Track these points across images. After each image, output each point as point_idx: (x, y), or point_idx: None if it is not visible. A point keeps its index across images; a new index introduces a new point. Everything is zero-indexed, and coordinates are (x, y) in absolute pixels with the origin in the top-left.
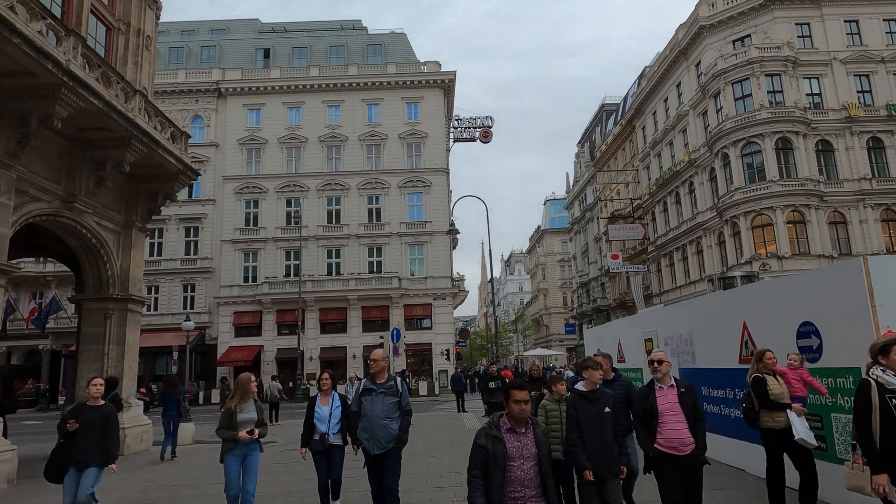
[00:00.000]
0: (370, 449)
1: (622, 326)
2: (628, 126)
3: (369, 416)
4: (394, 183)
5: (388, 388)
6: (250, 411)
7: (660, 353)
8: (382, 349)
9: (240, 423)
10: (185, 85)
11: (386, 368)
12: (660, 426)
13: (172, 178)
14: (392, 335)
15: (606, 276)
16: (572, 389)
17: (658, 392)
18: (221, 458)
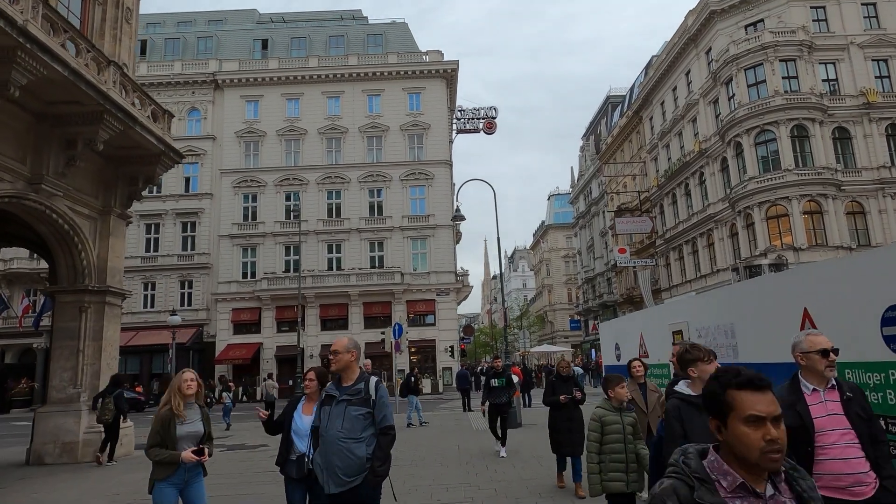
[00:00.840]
0: (324, 485)
1: (645, 318)
2: (635, 117)
3: (325, 435)
4: (395, 175)
5: (355, 394)
6: (194, 422)
7: (821, 339)
8: (348, 339)
9: (179, 438)
10: (181, 76)
11: (354, 364)
12: (817, 453)
13: (154, 160)
14: (394, 331)
15: (613, 270)
16: (672, 393)
17: (810, 397)
18: (150, 488)
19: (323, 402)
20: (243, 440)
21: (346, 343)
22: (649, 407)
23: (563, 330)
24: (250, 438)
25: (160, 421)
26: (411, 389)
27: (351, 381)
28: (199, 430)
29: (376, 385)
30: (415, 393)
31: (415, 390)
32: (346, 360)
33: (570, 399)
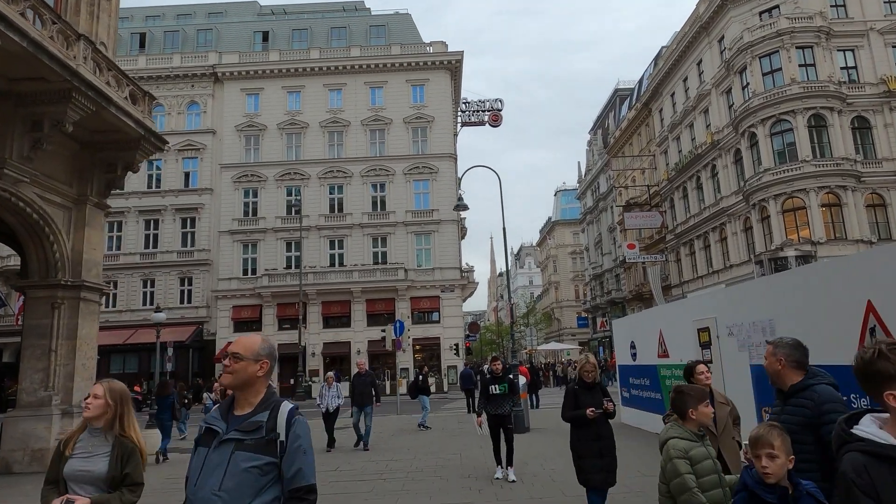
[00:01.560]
0: None
1: (665, 314)
2: (644, 110)
3: (191, 499)
4: (399, 169)
5: (251, 431)
6: (90, 457)
7: None
8: (261, 339)
9: (66, 477)
10: (180, 69)
11: (260, 381)
12: None
13: (133, 145)
14: (395, 328)
15: (621, 267)
16: (848, 439)
17: None
18: None
19: (199, 438)
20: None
21: (253, 344)
22: (719, 427)
23: (570, 327)
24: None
25: (56, 449)
26: (420, 389)
27: (249, 406)
28: (98, 470)
29: (290, 417)
30: (425, 392)
31: (424, 389)
32: (249, 373)
33: (600, 413)
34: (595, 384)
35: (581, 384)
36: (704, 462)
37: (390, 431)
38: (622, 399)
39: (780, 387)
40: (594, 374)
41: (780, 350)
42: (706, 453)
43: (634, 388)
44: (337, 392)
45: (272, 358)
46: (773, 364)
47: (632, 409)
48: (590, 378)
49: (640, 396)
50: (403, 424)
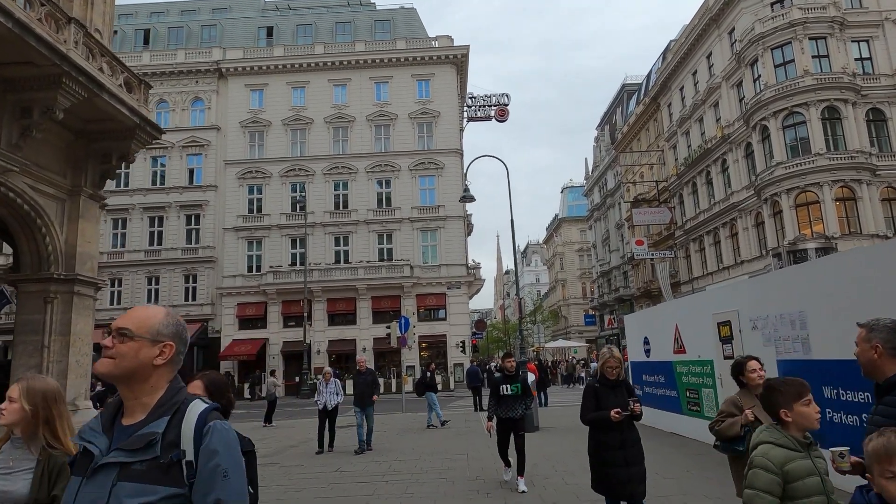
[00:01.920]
0: None
1: (681, 308)
2: (652, 104)
3: None
4: (404, 165)
5: (140, 446)
6: (10, 474)
7: None
8: (164, 313)
9: None
10: (184, 65)
11: (158, 373)
12: None
13: (128, 134)
14: (400, 325)
15: (629, 264)
16: None
17: None
18: None
19: (73, 464)
20: None
21: (151, 319)
22: None
23: (577, 325)
24: None
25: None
26: (428, 386)
27: (142, 411)
28: (17, 491)
29: (201, 424)
30: (432, 389)
31: (432, 386)
32: (142, 359)
33: (626, 416)
34: (619, 382)
35: (603, 381)
36: (808, 479)
37: (395, 430)
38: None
39: (874, 379)
40: (618, 370)
41: (877, 335)
42: (811, 467)
43: (648, 385)
44: (335, 388)
45: (179, 340)
46: (867, 352)
47: (645, 408)
48: (613, 374)
49: (654, 394)
50: (409, 423)
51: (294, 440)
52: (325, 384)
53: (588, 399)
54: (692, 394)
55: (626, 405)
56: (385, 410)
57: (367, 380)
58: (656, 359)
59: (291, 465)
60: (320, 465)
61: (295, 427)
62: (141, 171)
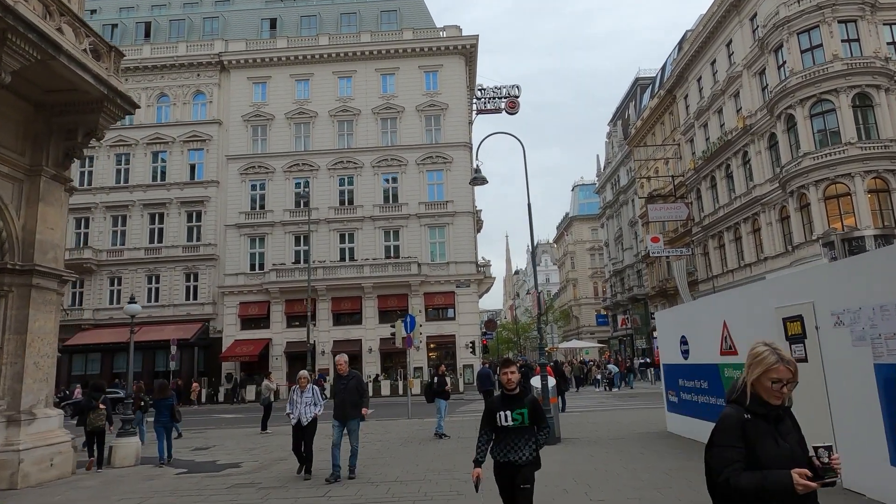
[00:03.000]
0: None
1: (733, 301)
2: (668, 97)
3: None
4: (411, 159)
5: None
6: None
7: None
8: None
9: None
10: (185, 58)
11: None
12: None
13: (95, 106)
14: (405, 324)
15: (644, 262)
16: None
17: None
18: None
19: None
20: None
21: None
22: None
23: (589, 325)
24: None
25: None
26: (436, 392)
27: None
28: None
29: None
30: (442, 396)
31: (441, 393)
32: None
33: (820, 484)
34: (786, 410)
35: (758, 409)
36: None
37: (399, 439)
38: (668, 405)
39: None
40: (790, 387)
41: None
42: None
43: (685, 391)
44: (313, 397)
45: None
46: None
47: (681, 417)
48: (780, 397)
49: (694, 402)
50: (414, 431)
51: (286, 451)
52: (299, 393)
53: (732, 441)
54: None
55: (806, 458)
56: (390, 415)
57: (349, 386)
58: (697, 361)
59: (272, 485)
60: (306, 489)
61: (286, 435)
62: (141, 166)
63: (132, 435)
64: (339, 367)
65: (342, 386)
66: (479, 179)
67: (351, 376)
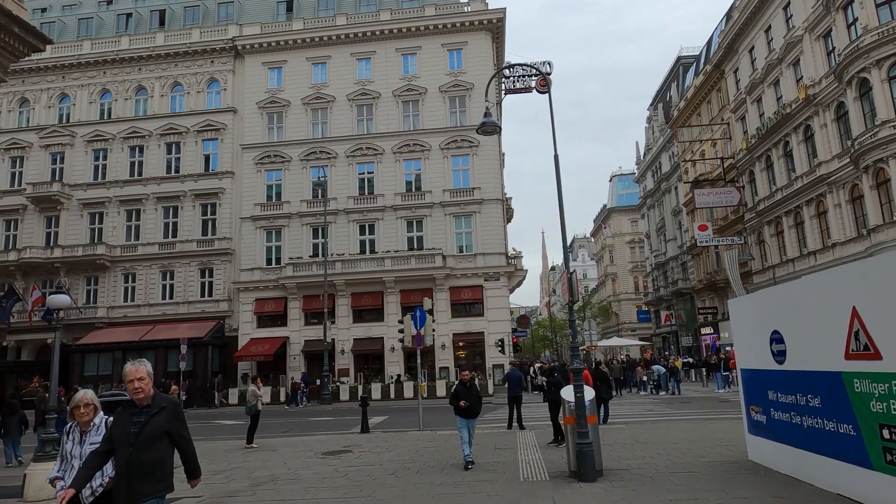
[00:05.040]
0: None
1: (868, 276)
2: (715, 72)
3: None
4: (435, 144)
5: None
6: None
7: None
8: None
9: None
10: (199, 45)
11: None
12: None
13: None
14: (414, 319)
15: (689, 253)
16: None
17: None
18: None
19: None
20: None
21: None
22: None
23: (629, 322)
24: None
25: None
26: (462, 407)
27: None
28: None
29: None
30: (466, 413)
31: (469, 409)
32: None
33: None
34: None
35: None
36: None
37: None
38: (751, 424)
39: None
40: None
41: None
42: None
43: (780, 408)
44: (99, 436)
45: None
46: None
47: (773, 444)
48: None
49: (797, 426)
50: (421, 451)
51: (257, 476)
52: (78, 436)
53: None
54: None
55: None
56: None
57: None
58: (802, 367)
59: None
60: None
61: (278, 451)
62: (155, 158)
63: (54, 459)
64: (138, 389)
65: (124, 419)
66: (490, 126)
67: (162, 404)
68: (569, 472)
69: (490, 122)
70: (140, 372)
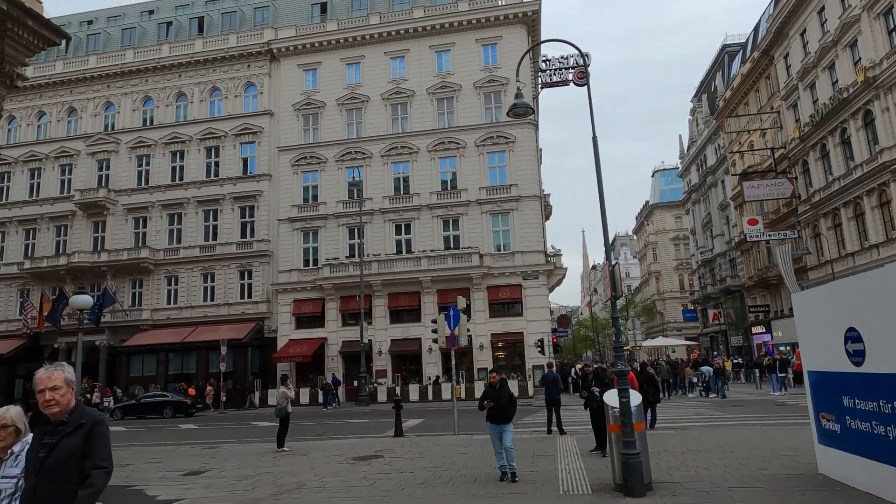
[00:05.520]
0: None
1: None
2: (763, 59)
3: None
4: (470, 141)
5: None
6: None
7: None
8: None
9: None
10: (235, 49)
11: None
12: None
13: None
14: (448, 318)
15: (738, 249)
16: None
17: None
18: None
19: None
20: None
21: None
22: None
23: (675, 321)
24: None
25: None
26: (491, 412)
27: None
28: None
29: None
30: (499, 418)
31: (498, 414)
32: None
33: None
34: None
35: None
36: None
37: (427, 474)
38: (821, 433)
39: None
40: None
41: None
42: None
43: (860, 417)
44: (18, 476)
45: None
46: None
47: (850, 456)
48: None
49: (882, 437)
50: (454, 457)
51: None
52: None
53: None
54: None
55: None
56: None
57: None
58: (885, 369)
59: None
60: None
61: (309, 455)
62: (195, 162)
63: None
64: (55, 402)
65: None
66: (521, 107)
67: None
68: (613, 484)
69: (521, 104)
70: (55, 379)
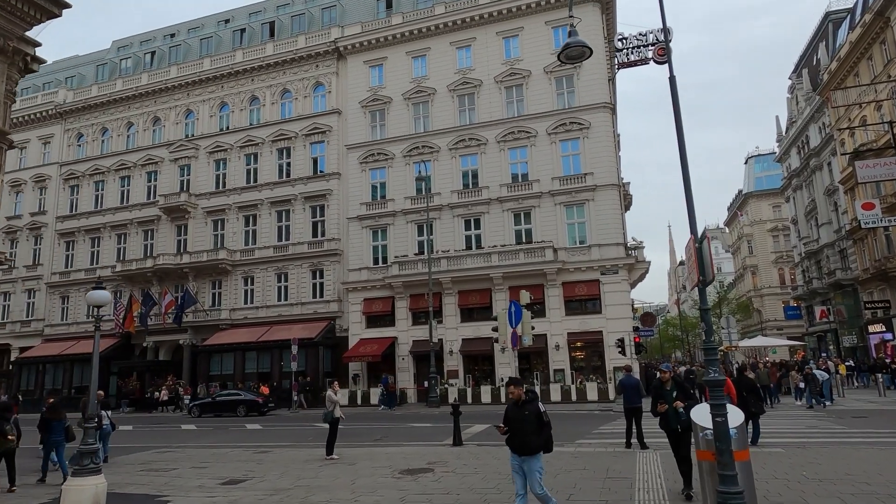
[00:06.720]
0: None
1: None
2: (877, 21)
3: None
4: (541, 130)
5: None
6: None
7: None
8: None
9: None
10: (303, 50)
11: None
12: None
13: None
14: (510, 315)
15: (850, 238)
16: None
17: None
18: None
19: None
20: None
21: None
22: None
23: (774, 319)
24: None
25: None
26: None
27: None
28: None
29: None
30: (518, 448)
31: (519, 441)
32: None
33: None
34: None
35: None
36: None
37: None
38: None
39: None
40: None
41: None
42: None
43: None
44: None
45: None
46: None
47: None
48: None
49: None
50: (502, 479)
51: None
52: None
53: None
54: None
55: None
56: (497, 440)
57: None
58: None
59: None
60: None
61: (355, 466)
62: (268, 164)
63: (94, 473)
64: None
65: None
66: (574, 46)
67: None
68: None
69: (576, 41)
70: None
